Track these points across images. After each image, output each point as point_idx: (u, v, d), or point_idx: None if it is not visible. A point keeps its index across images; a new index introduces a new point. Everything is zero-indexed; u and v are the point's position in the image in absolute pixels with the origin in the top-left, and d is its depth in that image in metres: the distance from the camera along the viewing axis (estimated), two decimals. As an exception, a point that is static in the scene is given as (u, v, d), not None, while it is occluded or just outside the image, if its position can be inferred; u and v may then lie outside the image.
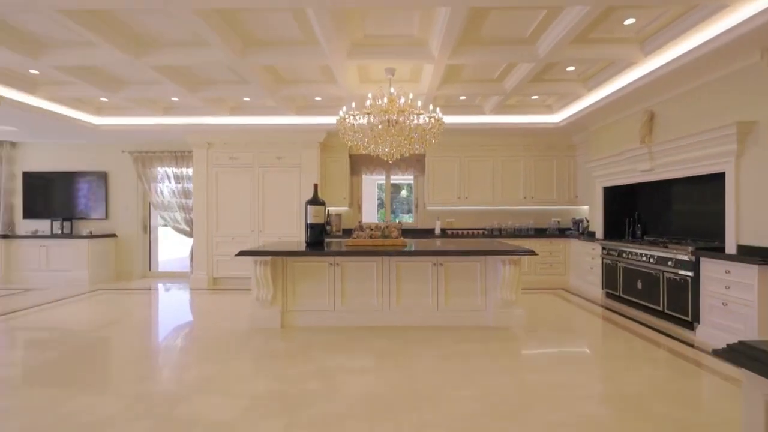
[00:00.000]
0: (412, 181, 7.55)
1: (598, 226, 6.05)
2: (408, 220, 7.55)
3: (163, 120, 6.26)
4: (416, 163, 7.23)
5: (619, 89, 4.60)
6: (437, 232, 7.07)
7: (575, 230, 6.88)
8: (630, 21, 3.52)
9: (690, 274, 4.00)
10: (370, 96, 4.11)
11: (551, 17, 3.47)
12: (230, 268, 6.63)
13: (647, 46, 3.88)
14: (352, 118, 4.31)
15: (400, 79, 4.81)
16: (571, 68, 4.64)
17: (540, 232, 7.15)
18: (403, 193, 12.01)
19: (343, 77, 4.61)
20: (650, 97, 4.72)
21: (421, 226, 7.33)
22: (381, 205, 10.97)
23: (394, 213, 11.44)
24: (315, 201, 4.49)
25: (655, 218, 5.46)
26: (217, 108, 5.82)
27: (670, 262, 4.28)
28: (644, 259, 4.71)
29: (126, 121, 6.28)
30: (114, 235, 7.55)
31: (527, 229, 7.12)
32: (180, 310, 5.35)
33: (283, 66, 4.55)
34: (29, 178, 7.39)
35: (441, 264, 4.30)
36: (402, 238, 4.60)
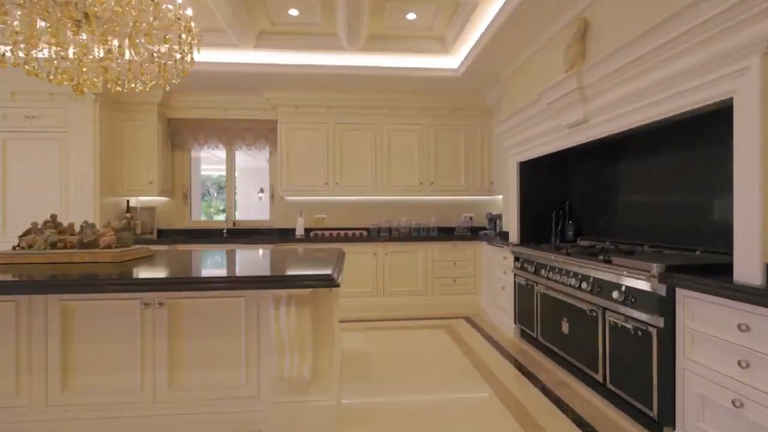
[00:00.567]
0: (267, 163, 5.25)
1: (512, 223, 4.03)
2: (264, 217, 5.25)
3: None
4: (268, 134, 4.96)
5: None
6: (299, 233, 4.83)
7: (491, 230, 4.88)
8: None
9: (655, 321, 1.95)
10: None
11: None
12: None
13: None
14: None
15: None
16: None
17: (446, 233, 5.09)
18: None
19: None
20: (582, -3, 2.72)
21: (279, 225, 5.07)
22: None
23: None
24: None
25: (595, 210, 3.49)
26: None
27: (615, 293, 2.21)
28: (570, 282, 2.66)
29: None
30: None
31: (428, 229, 5.04)
32: None
33: None
34: None
35: (161, 304, 2.04)
36: (119, 249, 2.31)
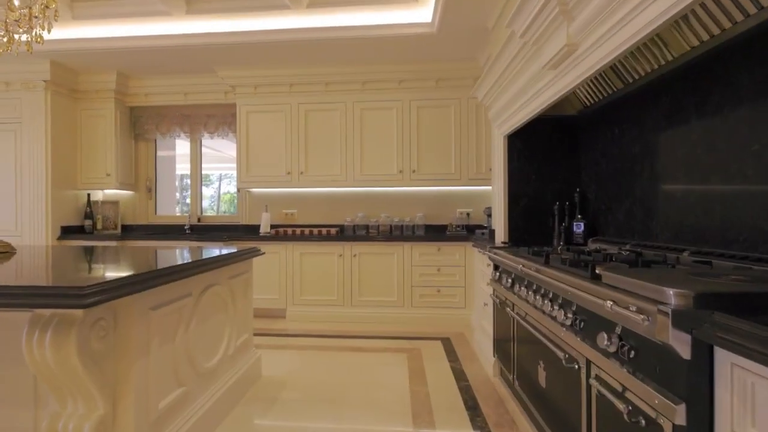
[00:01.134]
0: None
1: (499, 218, 3.04)
2: (233, 212, 4.78)
3: None
4: (231, 120, 4.46)
5: None
6: (263, 230, 4.26)
7: (488, 227, 3.88)
8: None
9: (667, 409, 0.86)
10: None
11: None
12: None
13: None
14: None
15: None
16: None
17: (436, 232, 4.18)
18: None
19: None
20: None
21: (246, 222, 4.54)
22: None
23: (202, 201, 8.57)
24: None
25: (616, 200, 2.41)
26: None
27: (604, 336, 1.11)
28: (546, 308, 1.62)
29: None
30: None
31: (413, 227, 4.17)
32: None
33: None
34: None
35: None
36: None
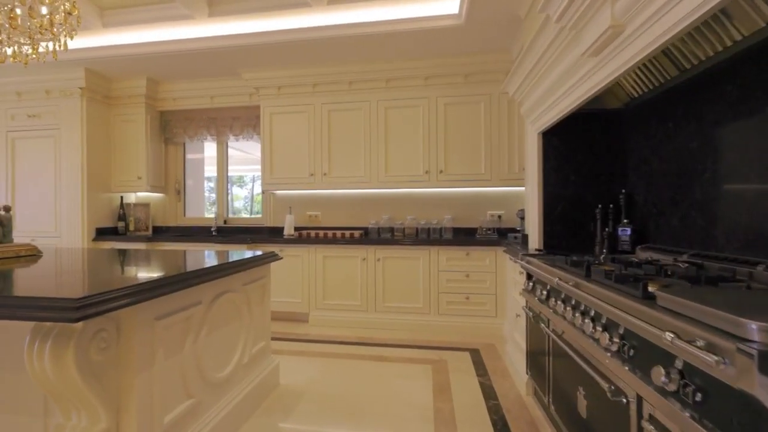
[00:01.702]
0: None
1: (532, 222, 2.78)
2: (257, 215, 4.79)
3: None
4: (256, 122, 4.43)
5: None
6: (287, 232, 4.20)
7: (521, 231, 3.61)
8: None
9: None
10: None
11: None
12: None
13: None
14: None
15: None
16: None
17: (465, 235, 3.96)
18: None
19: None
20: None
21: (270, 224, 4.51)
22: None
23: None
24: None
25: (671, 203, 2.12)
26: None
27: (660, 372, 0.84)
28: (588, 329, 1.40)
29: None
30: None
31: (440, 230, 3.97)
32: None
33: None
34: None
35: None
36: None
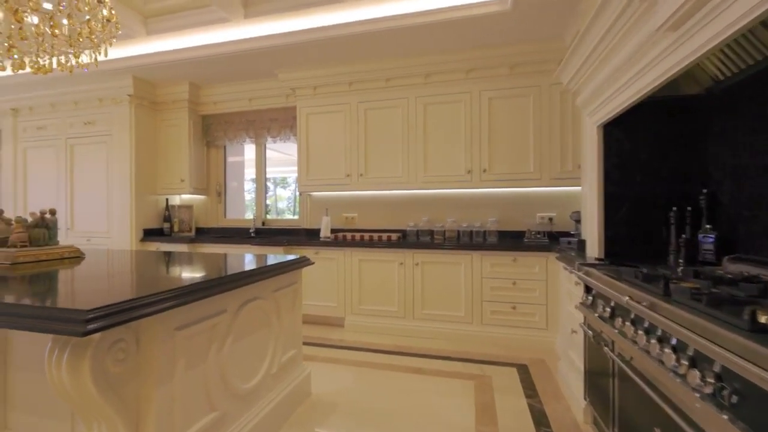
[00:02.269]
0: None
1: (591, 226, 2.44)
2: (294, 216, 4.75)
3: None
4: (293, 123, 4.37)
5: None
6: (323, 235, 4.10)
7: (576, 235, 3.24)
8: None
9: None
10: None
11: None
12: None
13: None
14: None
15: None
16: None
17: (512, 239, 3.65)
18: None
19: None
20: None
21: (307, 225, 4.44)
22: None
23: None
24: None
25: (765, 204, 1.75)
26: None
27: None
28: (669, 359, 1.13)
29: None
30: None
31: (484, 233, 3.68)
32: None
33: None
34: None
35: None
36: (15, 249, 1.97)
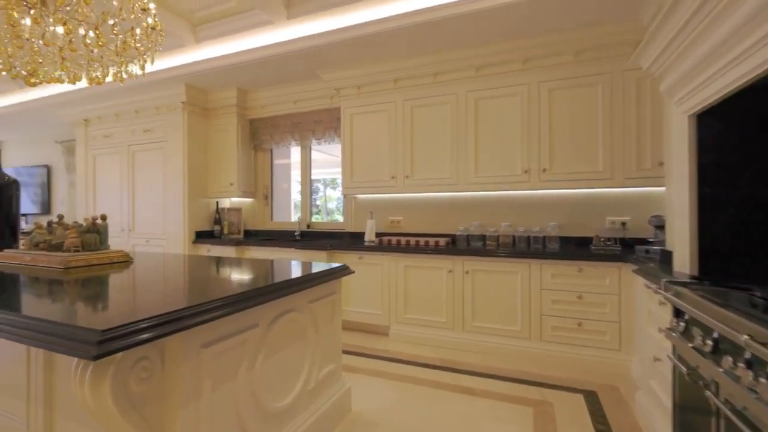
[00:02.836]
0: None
1: (680, 235, 2.02)
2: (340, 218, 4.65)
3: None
4: (337, 124, 4.24)
5: None
6: (368, 238, 3.93)
7: (658, 244, 2.77)
8: None
9: None
10: None
11: None
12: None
13: None
14: None
15: None
16: None
17: (577, 246, 3.24)
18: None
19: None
20: None
21: (352, 229, 4.29)
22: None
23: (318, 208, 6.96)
24: None
25: None
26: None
27: None
28: None
29: None
30: None
31: (543, 239, 3.30)
32: None
33: None
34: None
35: None
36: (69, 254, 2.01)
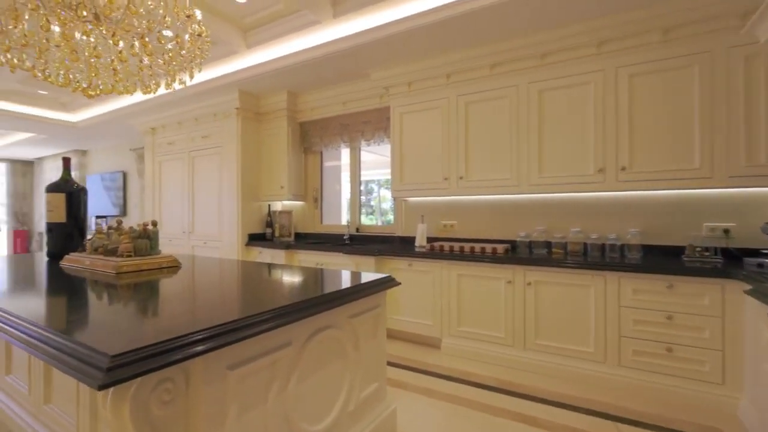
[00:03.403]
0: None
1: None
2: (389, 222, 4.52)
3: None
4: (387, 124, 4.08)
5: None
6: (419, 243, 3.75)
7: (768, 256, 2.31)
8: None
9: None
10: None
11: None
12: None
13: None
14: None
15: None
16: None
17: (663, 256, 2.82)
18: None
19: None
20: None
21: (403, 233, 4.12)
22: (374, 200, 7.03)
23: (370, 211, 6.06)
24: (57, 186, 2.61)
25: None
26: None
27: None
28: None
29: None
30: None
31: (621, 247, 2.91)
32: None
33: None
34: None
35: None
36: (119, 260, 2.05)
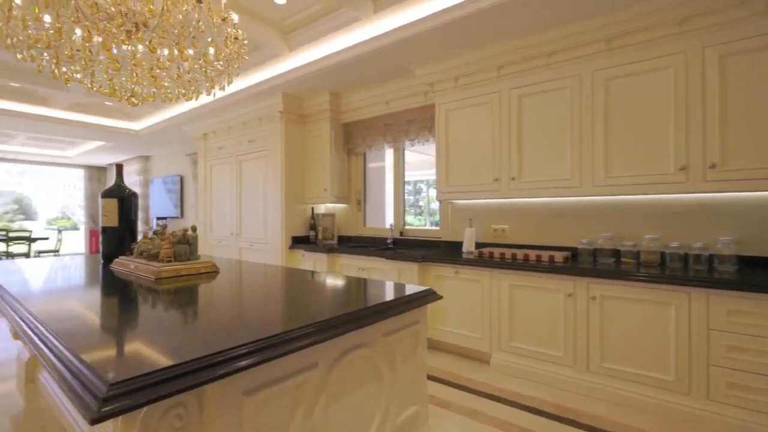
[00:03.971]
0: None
1: None
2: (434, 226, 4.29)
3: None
4: (431, 123, 3.85)
5: None
6: (466, 249, 3.49)
7: None
8: None
9: None
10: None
11: None
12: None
13: None
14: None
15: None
16: None
17: (763, 269, 2.36)
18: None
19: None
20: None
21: (449, 237, 3.88)
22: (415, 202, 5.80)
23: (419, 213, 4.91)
24: (111, 191, 2.68)
25: None
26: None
27: None
28: None
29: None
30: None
31: (708, 258, 2.48)
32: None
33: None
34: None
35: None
36: (159, 265, 2.06)
